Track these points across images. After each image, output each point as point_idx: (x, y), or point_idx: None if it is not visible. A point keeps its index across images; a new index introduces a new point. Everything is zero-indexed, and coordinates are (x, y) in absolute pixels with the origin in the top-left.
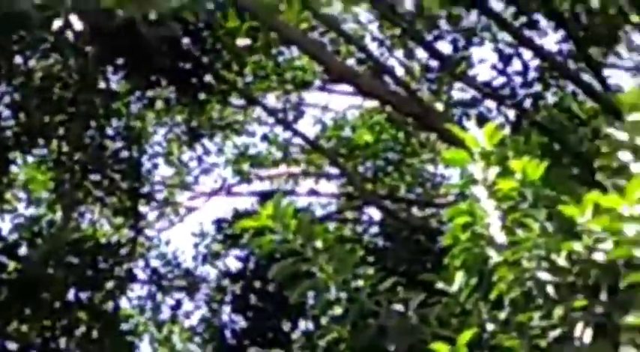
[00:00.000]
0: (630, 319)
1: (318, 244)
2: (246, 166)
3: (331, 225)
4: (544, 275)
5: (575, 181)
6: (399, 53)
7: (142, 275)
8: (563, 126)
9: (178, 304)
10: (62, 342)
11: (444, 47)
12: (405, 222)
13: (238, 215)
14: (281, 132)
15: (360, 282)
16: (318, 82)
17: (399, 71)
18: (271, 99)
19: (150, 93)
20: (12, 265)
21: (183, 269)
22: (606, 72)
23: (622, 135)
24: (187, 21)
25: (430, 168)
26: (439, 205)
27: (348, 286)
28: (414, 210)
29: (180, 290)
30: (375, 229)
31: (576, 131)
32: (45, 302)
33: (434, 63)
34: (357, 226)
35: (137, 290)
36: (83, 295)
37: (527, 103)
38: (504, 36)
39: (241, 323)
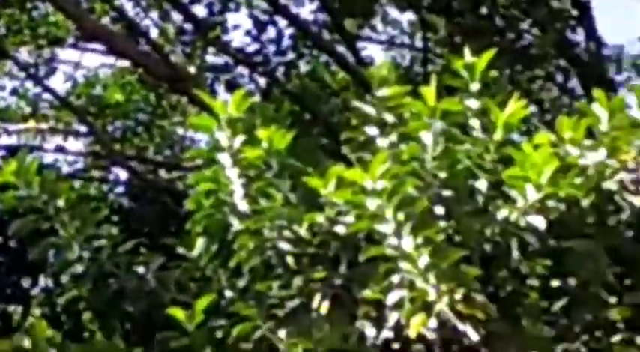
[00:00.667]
0: (368, 293)
1: (62, 202)
2: None
3: (77, 183)
4: (285, 246)
5: (322, 152)
6: (155, 15)
7: None
8: (315, 96)
9: None
10: None
11: (200, 11)
12: (151, 184)
13: None
14: (32, 87)
15: (103, 242)
16: (71, 39)
17: (154, 33)
18: (24, 54)
19: None
20: None
21: None
22: (360, 44)
23: (370, 109)
24: None
25: (180, 130)
26: (187, 168)
27: (90, 245)
28: (162, 172)
29: None
30: (121, 189)
31: (328, 102)
32: None
33: (189, 26)
34: (103, 185)
35: None
36: None
37: (280, 72)
38: (260, 3)
39: None
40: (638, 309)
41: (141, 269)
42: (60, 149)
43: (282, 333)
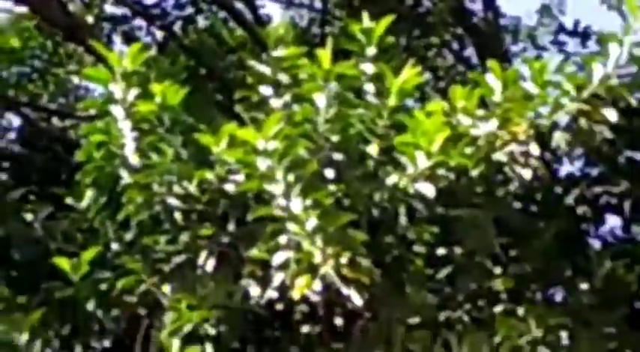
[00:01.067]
0: (254, 252)
1: None
2: None
3: None
4: (174, 201)
5: (215, 109)
6: None
7: None
8: (212, 52)
9: None
10: None
11: None
12: (43, 132)
13: None
14: None
15: None
16: None
17: None
18: None
19: None
20: None
21: None
22: (259, 2)
23: (265, 69)
24: None
25: (75, 79)
26: (80, 118)
27: None
28: (55, 120)
29: None
30: (12, 136)
31: (224, 59)
32: None
33: None
34: None
35: None
36: None
37: (178, 26)
38: None
39: None
40: (522, 281)
41: (29, 217)
42: None
43: (166, 288)
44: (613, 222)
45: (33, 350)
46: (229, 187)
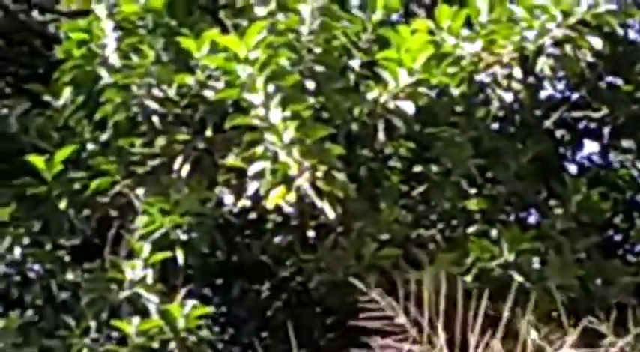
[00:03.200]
0: (230, 160)
1: None
2: None
3: None
4: (152, 104)
5: (199, 14)
6: None
7: None
8: None
9: None
10: None
11: None
12: (23, 25)
13: None
14: None
15: None
16: None
17: None
18: None
19: None
20: None
21: None
22: None
23: None
24: None
25: None
26: (62, 14)
27: None
28: (35, 14)
29: None
30: None
31: None
32: None
33: None
34: None
35: None
36: None
37: None
38: None
39: None
40: (496, 202)
41: (4, 112)
42: None
43: (140, 192)
44: (591, 148)
45: (2, 245)
46: (208, 93)
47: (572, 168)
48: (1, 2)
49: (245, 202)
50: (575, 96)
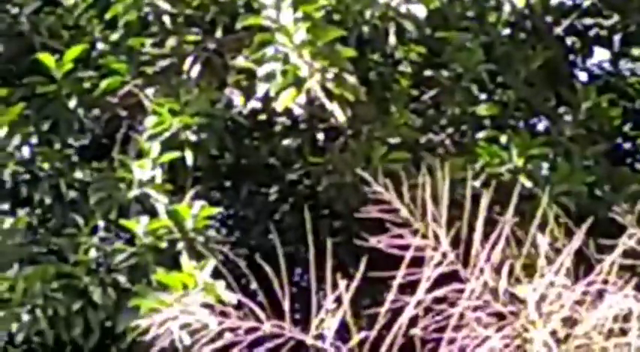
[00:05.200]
0: (240, 61)
1: None
2: None
3: None
4: (163, 4)
5: None
6: None
7: None
8: None
9: None
10: None
11: None
12: None
13: None
14: None
15: None
16: None
17: None
18: None
19: None
20: None
21: None
22: None
23: None
24: None
25: None
26: None
27: None
28: None
29: None
30: None
31: None
32: None
33: None
34: None
35: None
36: None
37: None
38: None
39: None
40: (506, 108)
41: (14, 11)
42: None
43: (150, 91)
44: (601, 55)
45: (11, 144)
46: None
47: (583, 76)
48: None
49: (255, 104)
50: (586, 3)
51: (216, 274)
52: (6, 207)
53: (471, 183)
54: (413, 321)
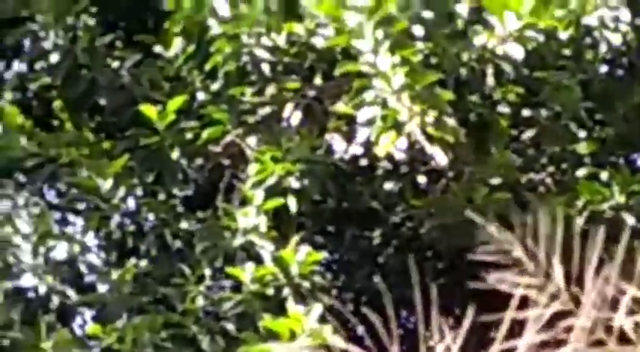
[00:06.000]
0: (340, 107)
1: None
2: None
3: None
4: (262, 53)
5: None
6: None
7: None
8: None
9: None
10: None
11: None
12: None
13: None
14: None
15: (80, 33)
16: None
17: None
18: None
19: None
20: None
21: None
22: None
23: None
24: None
25: None
26: None
27: (67, 35)
28: None
29: None
30: None
31: None
32: None
33: None
34: None
35: None
36: None
37: None
38: None
39: None
40: (605, 145)
41: (115, 64)
42: None
43: (251, 140)
44: None
45: (116, 196)
46: (317, 41)
47: None
48: None
49: (356, 149)
50: None
51: (322, 319)
52: (113, 258)
53: (576, 220)
54: None
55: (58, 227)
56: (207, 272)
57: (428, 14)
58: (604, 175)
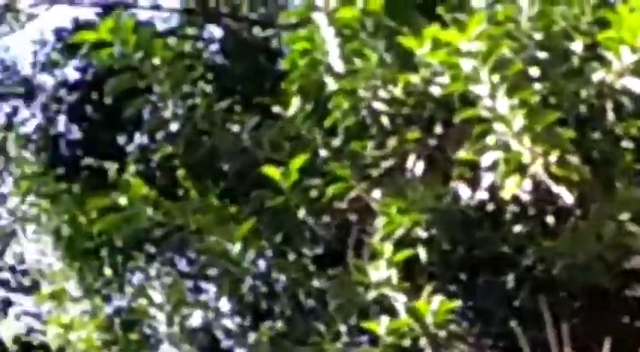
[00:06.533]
0: (462, 154)
1: (157, 60)
2: None
3: (171, 41)
4: (379, 106)
5: (417, 12)
6: None
7: None
8: None
9: (15, 111)
10: None
11: None
12: (245, 42)
13: (79, 25)
14: None
15: (198, 100)
16: None
17: None
18: None
19: None
20: None
21: (22, 77)
22: None
23: None
24: None
25: None
26: (281, 27)
27: (185, 103)
28: (256, 30)
29: (17, 97)
30: (215, 47)
31: None
32: None
33: None
34: (197, 43)
35: None
36: None
37: None
38: None
39: (76, 134)
40: None
41: (235, 128)
42: (155, 6)
43: (376, 193)
44: None
45: (246, 259)
46: (434, 90)
47: None
48: (222, 22)
49: (481, 194)
50: None
51: None
52: (248, 321)
53: None
54: None
55: (191, 295)
56: (343, 328)
57: (542, 54)
58: None
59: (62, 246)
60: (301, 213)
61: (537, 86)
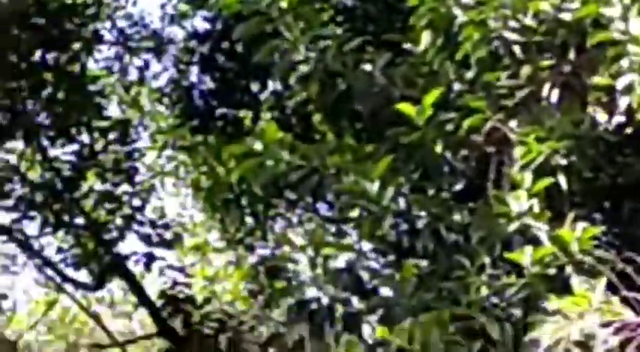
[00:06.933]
0: (597, 78)
1: (285, 3)
2: None
3: None
4: (511, 35)
5: None
6: None
7: (108, 36)
8: None
9: (146, 65)
10: (29, 104)
11: None
12: None
13: None
14: None
15: (328, 42)
16: None
17: None
18: None
19: None
20: None
21: (151, 30)
22: None
23: None
24: None
25: None
26: None
27: (316, 46)
28: None
29: (147, 52)
30: None
31: None
32: (10, 63)
33: None
34: None
35: (104, 52)
36: (49, 56)
37: None
38: None
39: (209, 84)
40: None
41: (367, 68)
42: None
43: (512, 123)
44: None
45: (385, 197)
46: (565, 15)
47: None
48: None
49: (619, 118)
50: None
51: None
52: (391, 260)
53: None
54: None
55: (333, 238)
56: (487, 261)
57: None
58: None
59: (202, 197)
60: (438, 147)
61: None
